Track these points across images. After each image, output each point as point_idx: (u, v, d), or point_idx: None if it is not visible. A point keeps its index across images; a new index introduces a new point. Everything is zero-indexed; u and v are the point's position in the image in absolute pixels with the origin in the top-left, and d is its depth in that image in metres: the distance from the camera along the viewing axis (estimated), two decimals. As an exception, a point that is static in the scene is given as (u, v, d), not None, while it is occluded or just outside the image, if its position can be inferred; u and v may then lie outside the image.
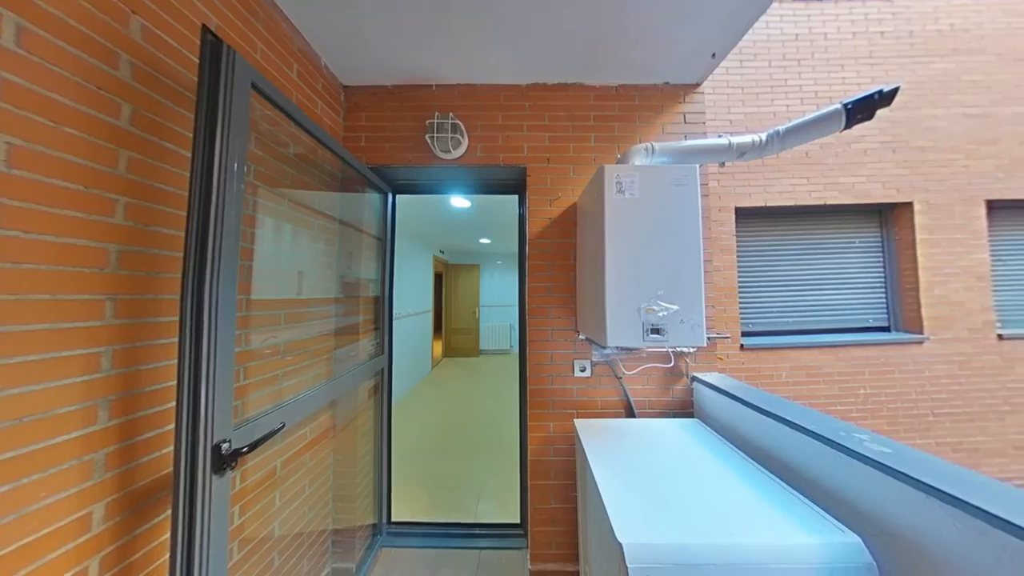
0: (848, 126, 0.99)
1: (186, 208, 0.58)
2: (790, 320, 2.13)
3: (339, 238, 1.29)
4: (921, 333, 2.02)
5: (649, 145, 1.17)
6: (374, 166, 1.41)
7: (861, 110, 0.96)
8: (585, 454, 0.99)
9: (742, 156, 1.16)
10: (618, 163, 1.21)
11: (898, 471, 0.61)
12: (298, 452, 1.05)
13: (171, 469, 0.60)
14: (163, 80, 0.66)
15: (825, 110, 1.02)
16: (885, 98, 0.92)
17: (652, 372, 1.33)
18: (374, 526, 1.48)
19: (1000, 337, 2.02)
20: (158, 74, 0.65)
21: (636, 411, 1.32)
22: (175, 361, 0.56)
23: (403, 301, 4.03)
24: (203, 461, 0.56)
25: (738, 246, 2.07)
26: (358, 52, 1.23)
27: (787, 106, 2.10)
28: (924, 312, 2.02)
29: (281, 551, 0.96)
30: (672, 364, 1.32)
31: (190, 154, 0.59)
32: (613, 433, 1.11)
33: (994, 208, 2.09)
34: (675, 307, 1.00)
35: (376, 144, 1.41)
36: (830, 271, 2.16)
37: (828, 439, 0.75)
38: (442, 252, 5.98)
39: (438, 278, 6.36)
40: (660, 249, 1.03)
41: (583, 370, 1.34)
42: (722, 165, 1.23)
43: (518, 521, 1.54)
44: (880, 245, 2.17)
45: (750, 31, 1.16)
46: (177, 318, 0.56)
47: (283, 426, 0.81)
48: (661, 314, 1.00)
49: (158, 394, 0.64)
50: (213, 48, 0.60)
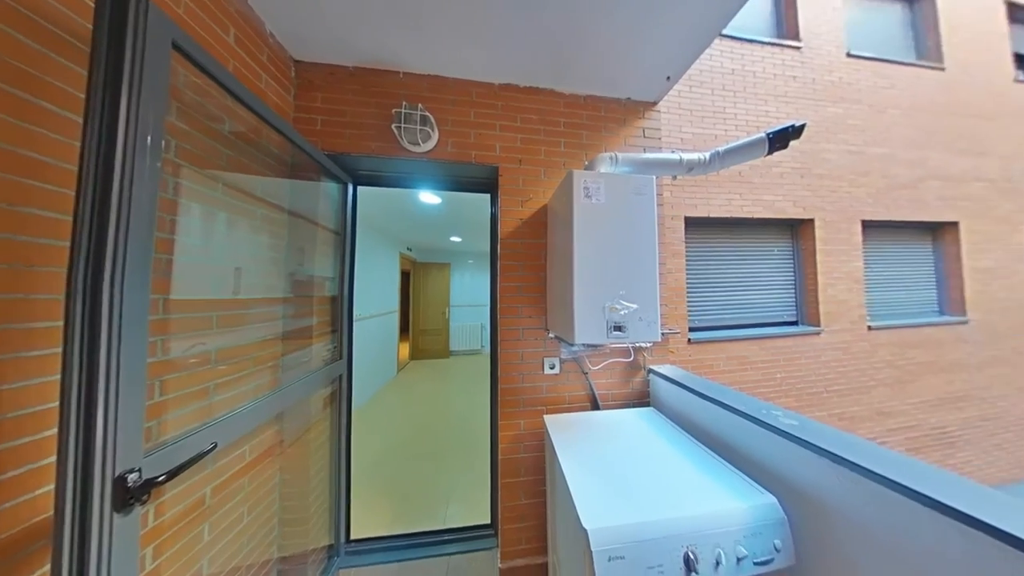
0: (770, 152, 1.16)
1: (75, 186, 0.46)
2: (726, 316, 2.46)
3: (288, 231, 1.15)
4: (819, 326, 2.48)
5: (613, 155, 1.24)
6: (332, 153, 1.28)
7: (779, 140, 1.13)
8: (554, 448, 1.02)
9: (690, 171, 1.28)
10: (586, 169, 1.25)
11: (802, 439, 0.74)
12: (235, 475, 0.91)
13: (51, 514, 0.47)
14: (44, 24, 0.52)
15: (753, 137, 1.18)
16: (796, 132, 1.11)
17: (615, 367, 1.41)
18: (330, 547, 1.35)
19: (869, 328, 2.58)
20: (35, 15, 0.51)
21: (600, 404, 1.39)
22: (57, 377, 0.45)
23: (366, 301, 3.76)
24: (99, 498, 0.46)
25: (686, 251, 2.33)
26: (312, 23, 1.10)
27: (725, 130, 2.42)
28: (821, 309, 2.49)
29: (211, 592, 0.83)
30: (632, 358, 1.42)
31: (81, 119, 0.47)
32: (580, 426, 1.16)
33: (867, 226, 2.67)
34: (635, 306, 1.07)
35: (334, 129, 1.29)
36: (756, 274, 2.55)
37: (753, 417, 0.88)
38: (410, 249, 5.70)
39: (405, 276, 6.05)
40: (622, 252, 1.10)
41: (552, 367, 1.37)
42: (674, 178, 1.36)
43: (488, 521, 1.53)
44: (791, 253, 2.63)
45: (697, 61, 1.30)
46: (60, 323, 0.45)
47: (214, 447, 0.70)
48: (623, 312, 1.06)
49: (26, 421, 0.51)
50: (116, -8, 0.49)
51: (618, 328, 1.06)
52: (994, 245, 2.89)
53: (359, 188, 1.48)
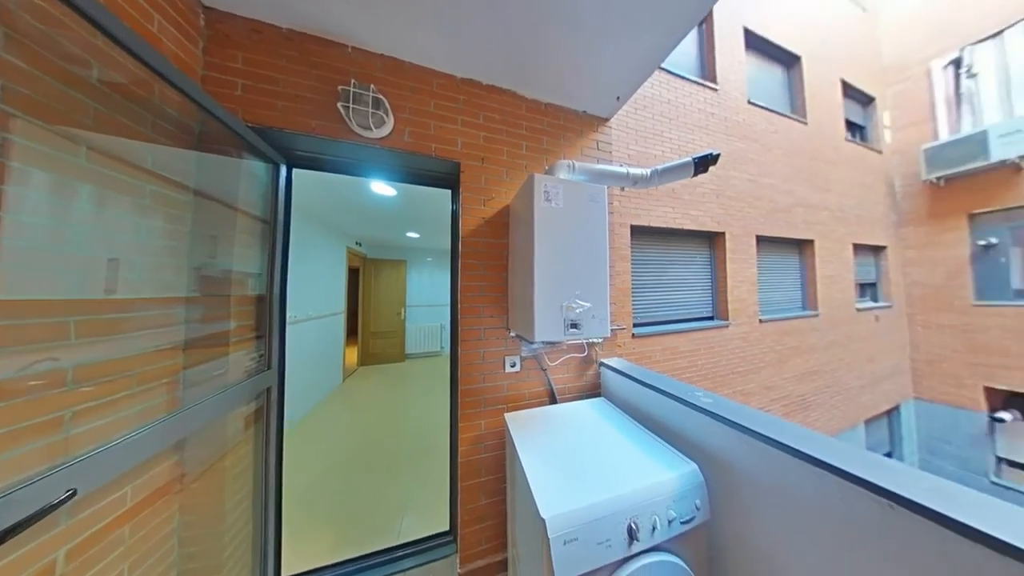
0: (695, 174, 1.36)
1: None
2: (661, 313, 2.87)
3: (194, 215, 0.94)
4: (727, 320, 3.07)
5: (571, 162, 1.31)
6: (259, 126, 1.08)
7: (702, 164, 1.34)
8: (514, 444, 1.04)
9: (635, 184, 1.43)
10: (546, 174, 1.29)
11: (716, 414, 0.90)
12: (109, 526, 0.70)
13: None
14: None
15: (683, 160, 1.37)
16: (714, 159, 1.33)
17: (570, 362, 1.50)
18: (254, 591, 1.14)
19: (760, 321, 3.29)
20: None
21: (558, 397, 1.46)
22: None
23: (304, 301, 3.29)
24: None
25: (632, 255, 2.63)
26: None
27: (662, 151, 2.80)
28: (729, 306, 3.08)
29: None
30: (585, 353, 1.52)
31: None
32: (539, 421, 1.20)
33: (759, 240, 3.41)
34: (588, 304, 1.14)
35: (263, 99, 1.09)
36: (684, 277, 3.04)
37: (681, 398, 1.03)
38: (359, 244, 5.18)
39: (354, 274, 5.49)
40: (578, 254, 1.17)
41: (513, 365, 1.39)
42: (622, 189, 1.49)
43: (447, 528, 1.47)
44: (709, 260, 3.20)
45: (642, 87, 1.48)
46: None
47: (72, 494, 0.53)
48: (578, 311, 1.13)
49: None
50: None
51: (574, 325, 1.13)
52: (833, 258, 3.92)
53: (295, 171, 1.28)
